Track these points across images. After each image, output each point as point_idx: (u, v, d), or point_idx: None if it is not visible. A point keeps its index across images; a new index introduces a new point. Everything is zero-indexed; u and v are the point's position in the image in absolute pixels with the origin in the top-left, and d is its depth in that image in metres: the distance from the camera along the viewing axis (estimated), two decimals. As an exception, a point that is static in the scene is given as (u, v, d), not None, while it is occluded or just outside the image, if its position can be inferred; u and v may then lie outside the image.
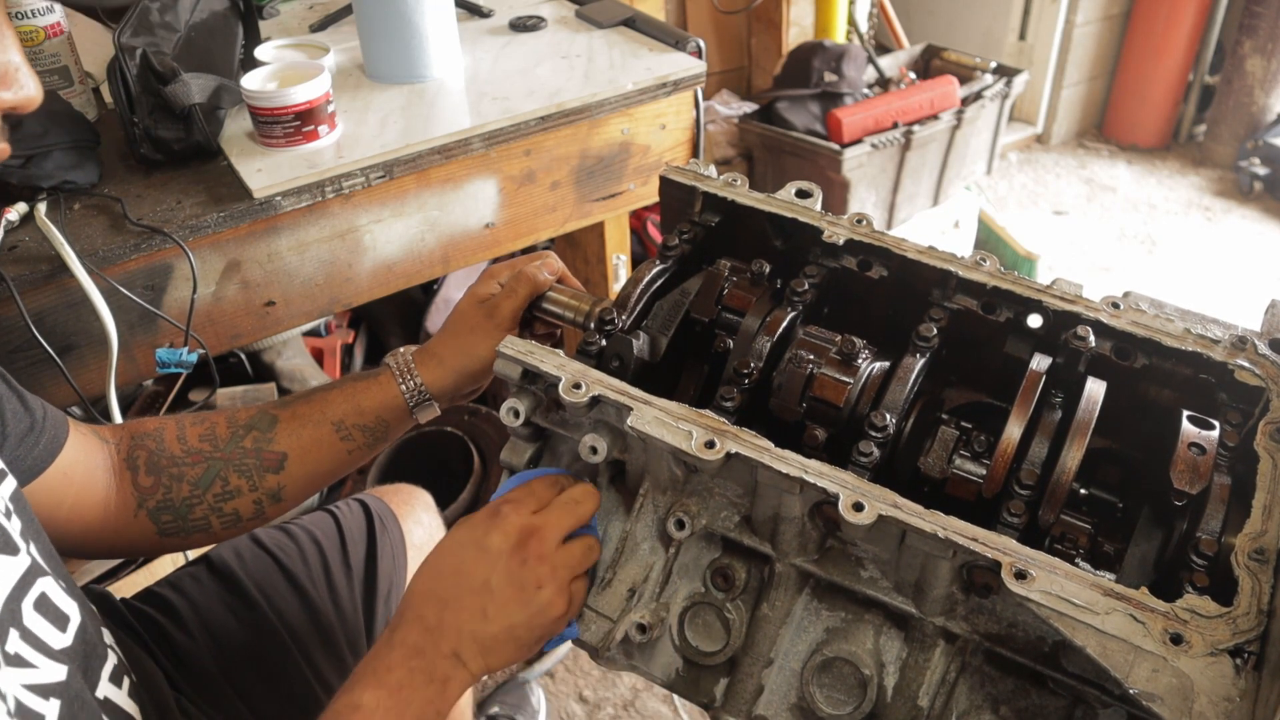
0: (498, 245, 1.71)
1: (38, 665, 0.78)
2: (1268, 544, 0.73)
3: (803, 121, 3.11)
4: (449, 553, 0.89)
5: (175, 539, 1.07)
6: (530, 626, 0.86)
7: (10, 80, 0.73)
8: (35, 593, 0.81)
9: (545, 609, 0.86)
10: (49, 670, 0.79)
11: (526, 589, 0.86)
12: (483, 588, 0.86)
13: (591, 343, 0.93)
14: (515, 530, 0.87)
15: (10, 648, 0.76)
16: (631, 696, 2.14)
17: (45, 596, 0.82)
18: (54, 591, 0.84)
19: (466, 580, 0.86)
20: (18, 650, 0.77)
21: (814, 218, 1.01)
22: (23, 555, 0.81)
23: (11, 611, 0.78)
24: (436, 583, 0.88)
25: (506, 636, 0.86)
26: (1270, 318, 0.91)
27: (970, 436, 0.87)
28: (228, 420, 1.09)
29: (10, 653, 0.76)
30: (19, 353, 1.29)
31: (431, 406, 1.11)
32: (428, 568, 0.90)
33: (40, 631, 0.80)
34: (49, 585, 0.83)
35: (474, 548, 0.87)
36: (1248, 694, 0.64)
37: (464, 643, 0.85)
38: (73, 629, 0.84)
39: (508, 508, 0.89)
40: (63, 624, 0.83)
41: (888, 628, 0.83)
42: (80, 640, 0.85)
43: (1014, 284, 0.93)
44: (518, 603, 0.86)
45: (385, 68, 1.71)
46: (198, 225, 1.36)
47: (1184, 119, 4.34)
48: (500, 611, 0.86)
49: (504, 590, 0.86)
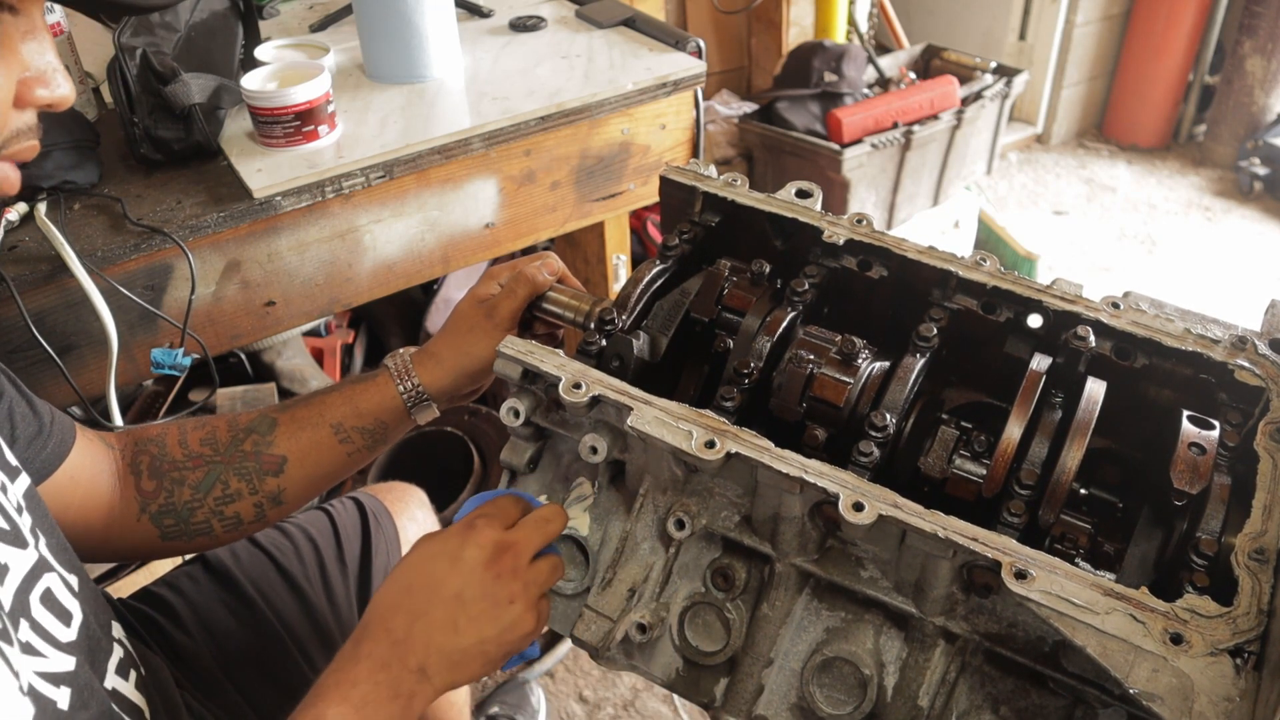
0: (498, 245, 1.71)
1: (47, 655, 0.79)
2: (1268, 544, 0.73)
3: (803, 121, 3.11)
4: (419, 565, 0.88)
5: (177, 543, 1.07)
6: (500, 642, 0.86)
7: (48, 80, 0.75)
8: (41, 588, 0.82)
9: (516, 624, 0.86)
10: (58, 660, 0.80)
11: (500, 604, 0.86)
12: (455, 600, 0.85)
13: (591, 343, 0.93)
14: (490, 544, 0.87)
15: (22, 636, 0.77)
16: (631, 696, 2.14)
17: (50, 592, 0.83)
18: (58, 588, 0.84)
19: (438, 592, 0.85)
20: (29, 640, 0.78)
21: (814, 218, 1.01)
22: (31, 550, 0.82)
23: (21, 602, 0.78)
24: (406, 595, 0.86)
25: (476, 651, 0.85)
26: (1270, 318, 0.91)
27: (970, 436, 0.88)
28: (228, 424, 1.09)
29: (23, 640, 0.77)
30: (19, 353, 1.29)
31: (430, 408, 1.11)
32: (395, 580, 0.88)
33: (47, 625, 0.81)
34: (54, 581, 0.84)
35: (447, 560, 0.87)
36: (1248, 694, 0.64)
37: (431, 656, 0.84)
38: (76, 624, 0.85)
39: (481, 521, 0.88)
40: (66, 619, 0.84)
41: (888, 628, 0.83)
42: (84, 635, 0.86)
43: (1014, 284, 0.93)
44: (490, 617, 0.85)
45: (385, 68, 1.71)
46: (198, 225, 1.36)
47: (1184, 119, 4.34)
48: (472, 625, 0.85)
49: (477, 603, 0.85)
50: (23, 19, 0.73)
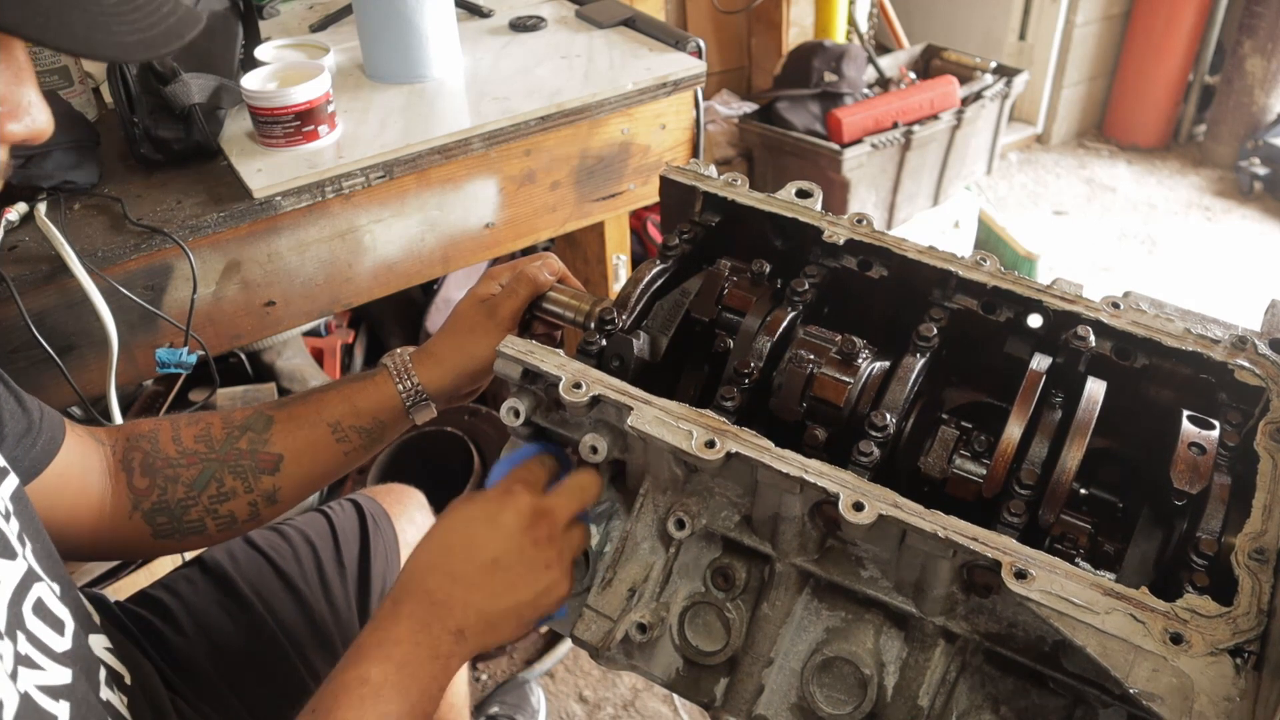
0: (498, 245, 1.71)
1: (45, 668, 0.78)
2: (1268, 544, 0.73)
3: (803, 121, 3.11)
4: (458, 527, 0.89)
5: (170, 541, 1.06)
6: (535, 606, 0.88)
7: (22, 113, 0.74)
8: (32, 598, 0.81)
9: (551, 588, 0.88)
10: (56, 673, 0.79)
11: (536, 569, 0.87)
12: (493, 564, 0.86)
13: (592, 342, 0.93)
14: (528, 510, 0.88)
15: (21, 649, 0.76)
16: (631, 696, 2.14)
17: (41, 602, 0.82)
18: (48, 597, 0.83)
19: (478, 555, 0.86)
20: (27, 652, 0.77)
21: (814, 218, 1.01)
22: (20, 560, 0.81)
23: (15, 615, 0.78)
24: (445, 557, 0.87)
25: (512, 614, 0.87)
26: (1270, 318, 0.91)
27: (970, 436, 0.88)
28: (223, 421, 1.08)
29: (21, 654, 0.76)
30: (19, 353, 1.29)
31: (428, 407, 1.10)
32: (434, 541, 0.89)
33: (43, 636, 0.80)
34: (44, 591, 0.83)
35: (486, 523, 0.88)
36: (1248, 694, 0.64)
37: (470, 618, 0.85)
38: (69, 633, 0.84)
39: (519, 487, 0.90)
40: (60, 628, 0.83)
41: (888, 627, 0.83)
42: (77, 644, 0.85)
43: (1014, 284, 0.93)
44: (527, 582, 0.87)
45: (385, 68, 1.71)
46: (198, 225, 1.36)
47: (1184, 119, 4.34)
48: (509, 589, 0.86)
49: (515, 568, 0.86)
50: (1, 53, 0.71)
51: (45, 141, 0.77)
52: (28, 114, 0.74)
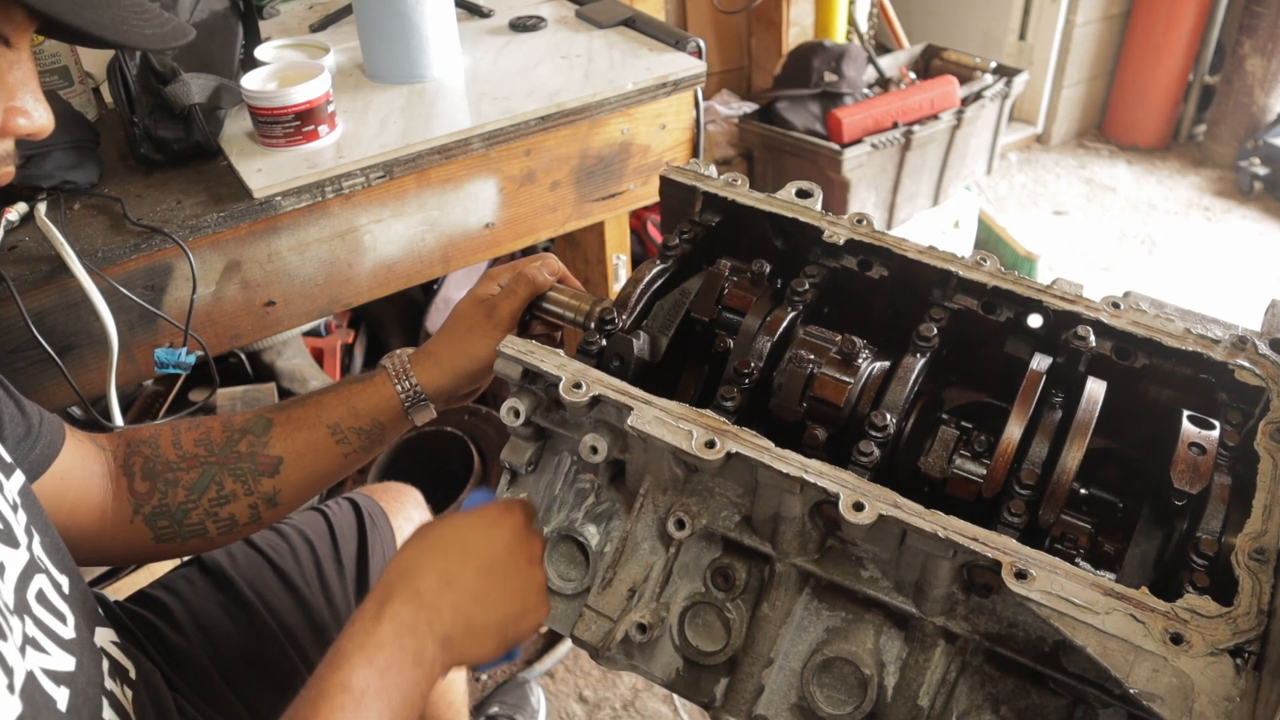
0: (498, 245, 1.71)
1: (50, 653, 0.79)
2: (1268, 544, 0.73)
3: (803, 121, 3.11)
4: (454, 531, 0.88)
5: (171, 545, 1.06)
6: (518, 625, 0.87)
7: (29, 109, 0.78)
8: (35, 588, 0.82)
9: (534, 610, 0.88)
10: (60, 659, 0.80)
11: (528, 585, 0.88)
12: (487, 571, 0.86)
13: (592, 342, 0.93)
14: (523, 529, 0.90)
15: (29, 631, 0.77)
16: (631, 696, 2.14)
17: (43, 593, 0.83)
18: (49, 590, 0.84)
19: (474, 560, 0.86)
20: (34, 635, 0.78)
21: (814, 217, 1.01)
22: (23, 549, 0.81)
23: (21, 600, 0.78)
24: (439, 558, 0.86)
25: (496, 629, 0.86)
26: (1270, 318, 0.91)
27: (970, 436, 0.87)
28: (223, 425, 1.08)
29: (30, 635, 0.77)
30: (19, 353, 1.29)
31: (427, 408, 1.10)
32: (425, 540, 0.88)
33: (49, 622, 0.81)
34: (45, 583, 0.84)
35: (484, 530, 0.88)
36: (1248, 694, 0.64)
37: (457, 626, 0.84)
38: (72, 624, 0.85)
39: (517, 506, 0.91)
40: (62, 619, 0.84)
41: (888, 627, 0.83)
42: (81, 635, 0.86)
43: (1014, 284, 0.93)
44: (517, 596, 0.87)
45: (385, 68, 1.71)
46: (198, 225, 1.36)
47: (1184, 119, 4.34)
48: (500, 600, 0.86)
49: (509, 579, 0.86)
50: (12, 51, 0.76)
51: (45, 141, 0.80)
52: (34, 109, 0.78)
